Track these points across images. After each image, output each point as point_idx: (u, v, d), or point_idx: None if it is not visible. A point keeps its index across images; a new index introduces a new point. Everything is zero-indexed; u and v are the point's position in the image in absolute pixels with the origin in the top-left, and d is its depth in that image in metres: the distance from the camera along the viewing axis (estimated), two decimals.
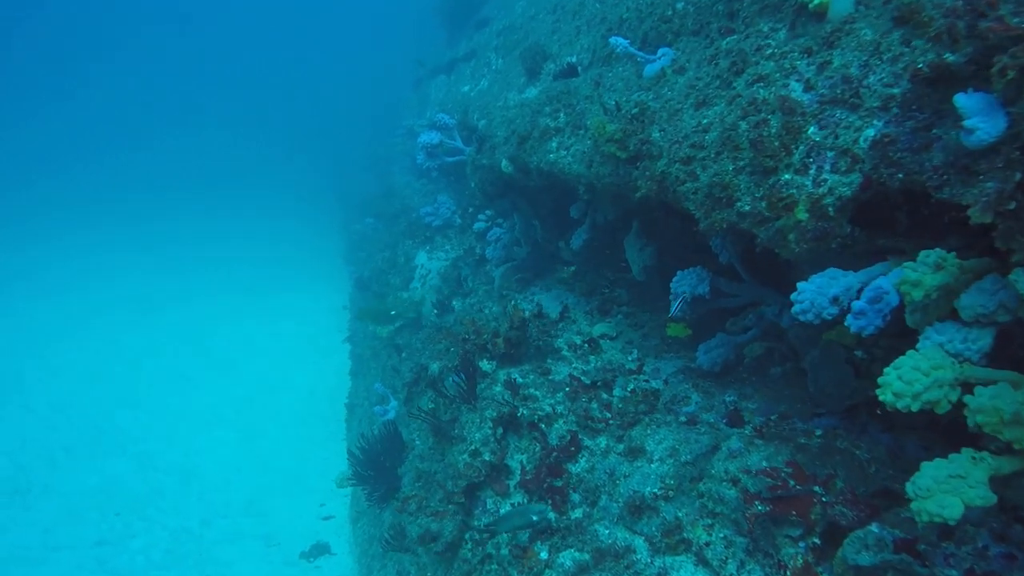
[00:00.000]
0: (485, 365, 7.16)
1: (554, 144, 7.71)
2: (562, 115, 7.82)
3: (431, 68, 20.82)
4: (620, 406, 6.23)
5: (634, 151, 5.57)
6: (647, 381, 6.67)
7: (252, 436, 13.21)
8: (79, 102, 50.39)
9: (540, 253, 10.22)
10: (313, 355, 16.90)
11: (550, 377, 6.94)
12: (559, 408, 6.40)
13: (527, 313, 8.44)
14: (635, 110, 5.71)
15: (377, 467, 8.16)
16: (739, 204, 4.37)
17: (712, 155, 4.63)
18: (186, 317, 18.94)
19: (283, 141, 42.14)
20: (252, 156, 38.91)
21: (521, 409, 6.40)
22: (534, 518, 5.15)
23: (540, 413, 6.34)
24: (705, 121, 4.89)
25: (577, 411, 6.27)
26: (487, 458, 6.12)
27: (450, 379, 7.25)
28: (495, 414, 6.40)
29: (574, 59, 9.03)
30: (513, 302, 8.56)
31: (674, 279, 5.92)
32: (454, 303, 12.21)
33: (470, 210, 14.04)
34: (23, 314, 19.02)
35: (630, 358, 7.51)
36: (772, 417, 5.46)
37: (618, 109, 6.28)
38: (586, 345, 7.61)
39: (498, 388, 6.80)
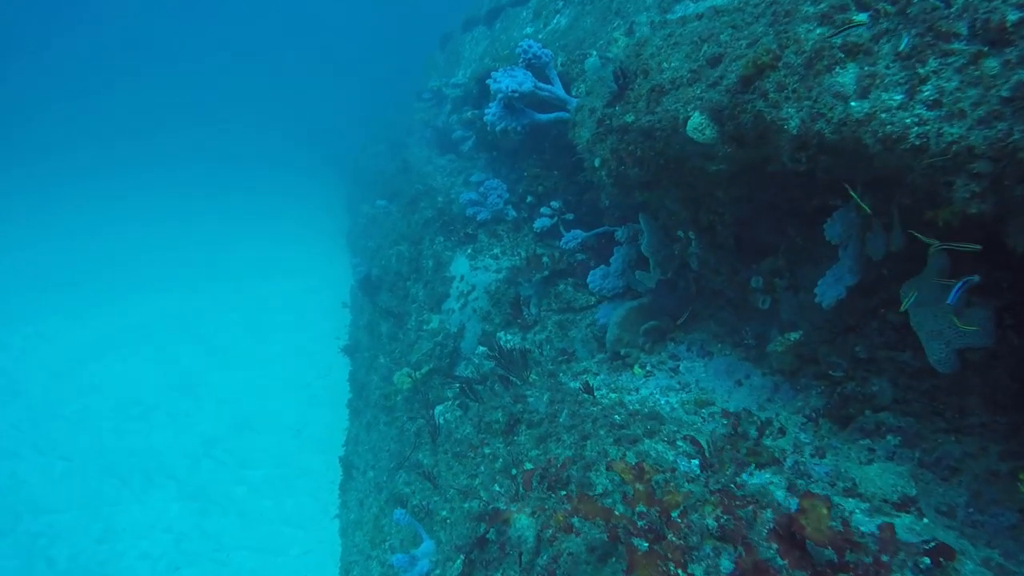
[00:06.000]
0: None
1: (849, 77, 3.05)
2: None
3: (463, 21, 15.90)
4: None
5: None
6: None
7: (205, 510, 8.56)
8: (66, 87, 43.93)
9: (688, 287, 5.54)
10: (304, 371, 12.24)
11: None
12: None
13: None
14: None
15: None
16: None
17: None
18: (151, 313, 14.08)
19: (287, 105, 36.91)
20: (252, 123, 33.63)
21: None
22: None
23: None
24: None
25: None
26: None
27: None
28: None
29: None
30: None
31: None
32: (508, 337, 7.62)
33: (528, 199, 9.26)
34: None
35: None
36: None
37: None
38: (923, 560, 2.92)
39: None
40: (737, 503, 3.04)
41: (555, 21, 9.01)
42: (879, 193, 3.64)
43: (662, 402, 4.92)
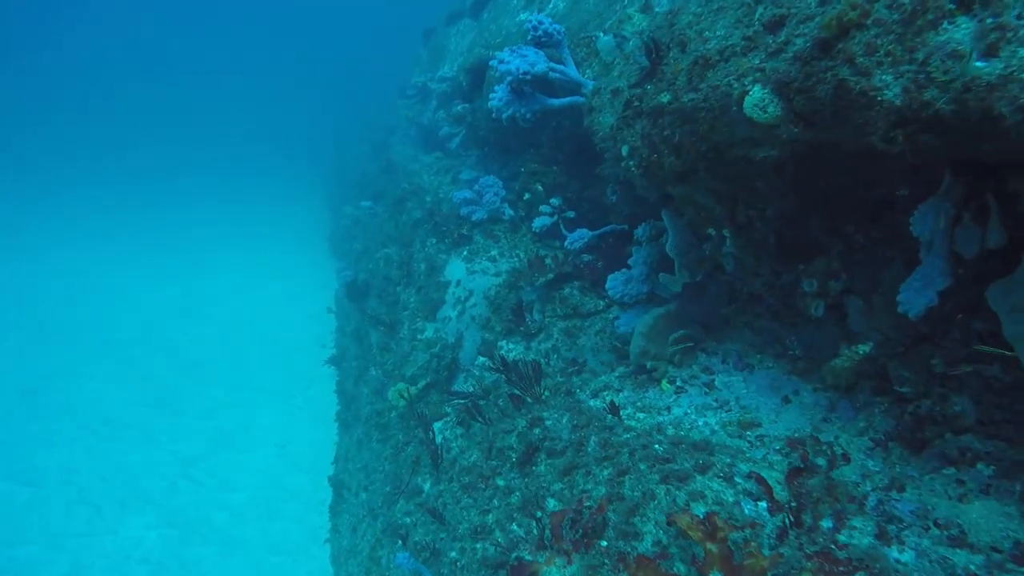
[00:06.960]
0: None
1: (964, 33, 2.42)
2: None
3: (447, 14, 15.18)
4: None
5: None
6: None
7: (185, 538, 7.79)
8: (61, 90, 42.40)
9: (721, 291, 4.89)
10: (287, 381, 11.47)
11: None
12: None
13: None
14: None
15: None
16: None
17: None
18: (122, 325, 13.22)
19: (263, 109, 35.90)
20: (229, 129, 32.58)
21: None
22: None
23: None
24: None
25: None
26: None
27: None
28: None
29: None
30: None
31: None
32: (510, 346, 6.95)
33: (526, 196, 8.58)
34: None
35: None
36: None
37: None
38: None
39: None
40: (841, 569, 2.38)
41: (552, 5, 8.33)
42: (976, 179, 3.02)
43: (700, 423, 4.27)
